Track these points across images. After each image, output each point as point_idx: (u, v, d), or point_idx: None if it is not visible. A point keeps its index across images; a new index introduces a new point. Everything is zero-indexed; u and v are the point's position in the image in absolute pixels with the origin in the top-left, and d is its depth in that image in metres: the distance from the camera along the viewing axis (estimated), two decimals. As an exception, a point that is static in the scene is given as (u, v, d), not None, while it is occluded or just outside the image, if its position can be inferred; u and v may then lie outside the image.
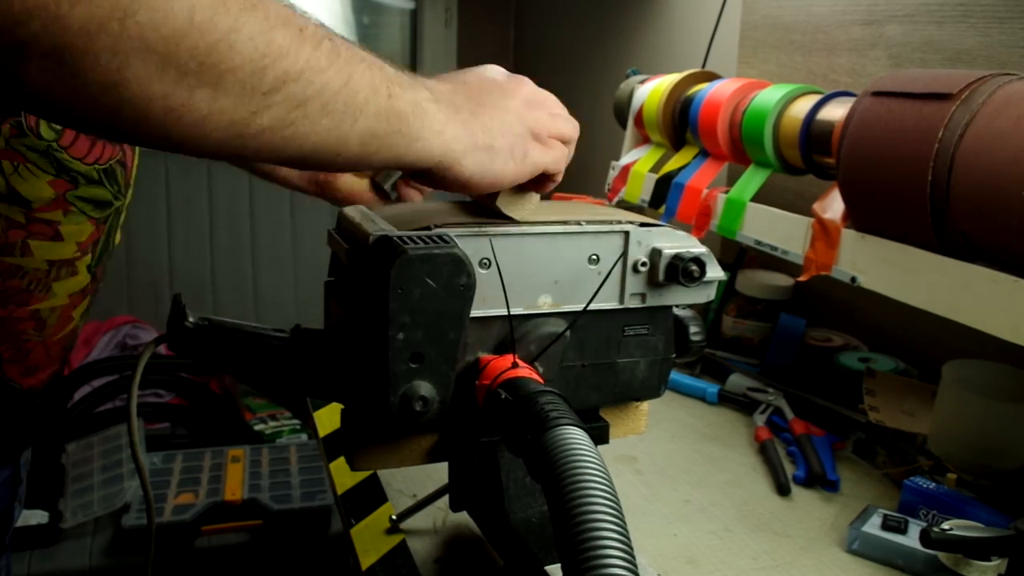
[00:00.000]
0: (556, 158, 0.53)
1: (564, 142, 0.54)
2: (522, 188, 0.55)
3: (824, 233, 0.80)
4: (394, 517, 0.73)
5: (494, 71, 0.54)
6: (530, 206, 0.56)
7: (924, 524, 0.68)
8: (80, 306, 0.71)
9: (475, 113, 0.49)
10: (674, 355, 0.61)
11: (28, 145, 0.61)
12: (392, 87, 0.43)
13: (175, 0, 0.33)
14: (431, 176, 0.48)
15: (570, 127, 0.55)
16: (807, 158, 0.86)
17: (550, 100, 0.55)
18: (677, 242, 0.57)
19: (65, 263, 0.67)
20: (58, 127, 0.62)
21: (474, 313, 0.50)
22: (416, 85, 0.46)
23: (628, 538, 0.33)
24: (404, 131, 0.44)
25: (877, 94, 0.72)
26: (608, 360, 0.58)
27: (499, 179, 0.50)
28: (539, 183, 0.54)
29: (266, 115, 0.37)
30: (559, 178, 0.55)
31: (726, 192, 0.97)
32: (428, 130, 0.45)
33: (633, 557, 0.33)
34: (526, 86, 0.54)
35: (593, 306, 0.55)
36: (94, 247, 0.69)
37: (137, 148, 0.74)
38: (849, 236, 0.77)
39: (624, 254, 0.56)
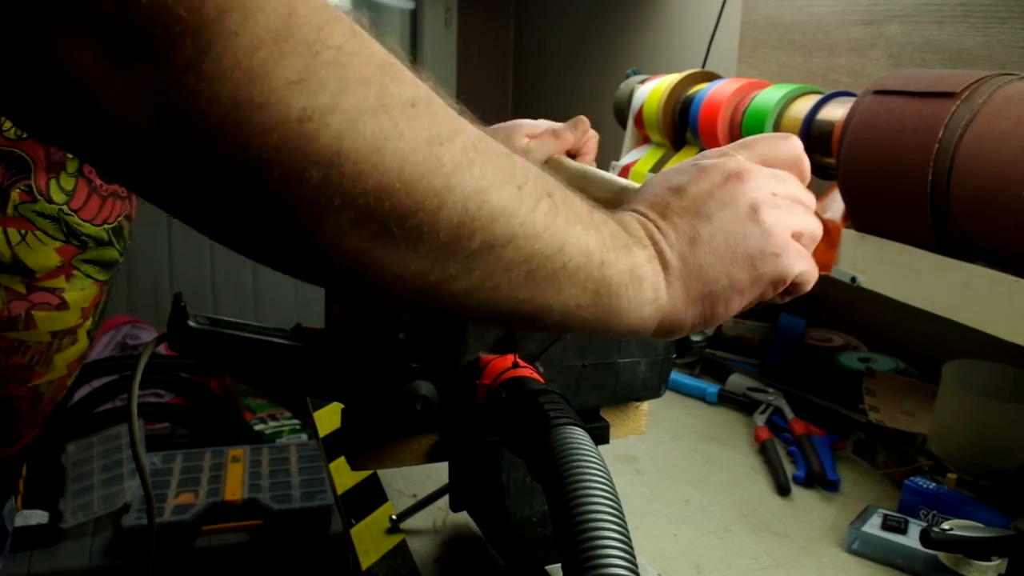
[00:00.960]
0: (792, 265, 0.43)
1: (806, 242, 0.45)
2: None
3: (824, 233, 0.80)
4: (394, 517, 0.73)
5: (713, 173, 0.42)
6: None
7: (924, 524, 0.68)
8: (75, 373, 0.67)
9: (686, 257, 0.40)
10: (674, 355, 0.61)
11: (38, 211, 0.57)
12: (607, 253, 0.37)
13: (385, 152, 0.28)
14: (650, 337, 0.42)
15: (812, 226, 0.45)
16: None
17: (781, 190, 0.44)
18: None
19: (68, 332, 0.62)
20: (68, 188, 0.59)
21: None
22: (631, 246, 0.39)
23: (629, 538, 0.33)
24: (615, 304, 0.38)
25: (878, 93, 0.72)
26: (608, 360, 0.58)
27: (722, 319, 0.43)
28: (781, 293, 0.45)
29: (465, 279, 0.33)
30: (805, 288, 0.45)
31: (726, 192, 0.96)
32: (641, 298, 0.39)
33: (634, 557, 0.33)
34: (746, 189, 0.42)
35: (593, 306, 0.55)
36: (95, 311, 0.65)
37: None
38: (849, 236, 0.77)
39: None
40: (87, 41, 0.24)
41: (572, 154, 0.75)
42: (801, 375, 1.04)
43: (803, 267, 0.43)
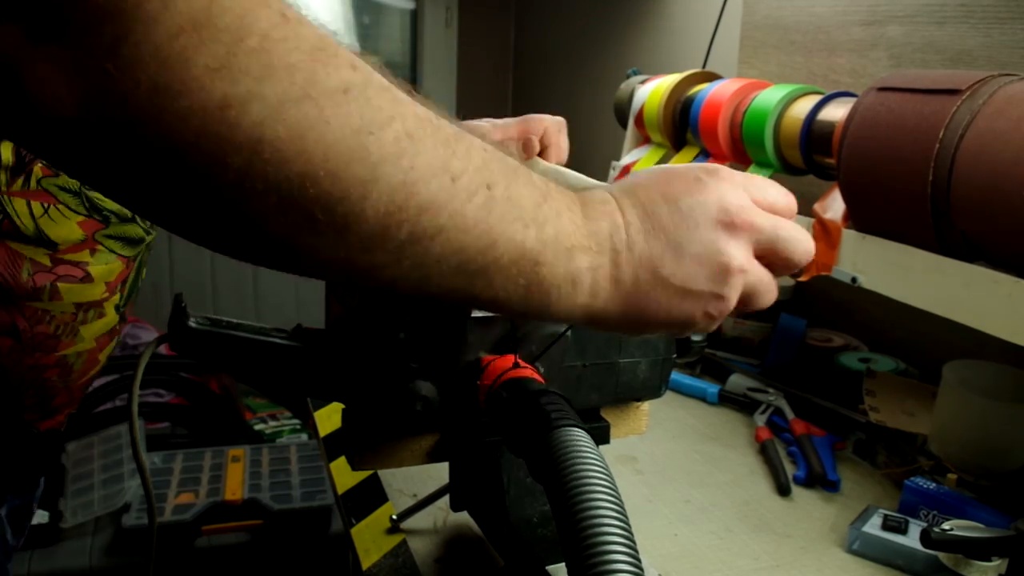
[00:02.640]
0: (753, 292, 0.43)
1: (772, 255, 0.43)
2: None
3: (825, 233, 0.80)
4: (395, 517, 0.73)
5: (714, 198, 0.40)
6: None
7: (924, 524, 0.68)
8: (107, 348, 0.68)
9: (640, 278, 0.39)
10: (675, 355, 0.61)
11: (60, 185, 0.59)
12: (544, 254, 0.36)
13: (308, 140, 0.28)
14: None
15: (783, 231, 0.42)
16: (808, 158, 0.86)
17: (753, 192, 0.41)
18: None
19: (94, 305, 0.64)
20: None
21: (475, 313, 0.50)
22: (576, 250, 0.37)
23: (632, 538, 0.33)
24: (544, 301, 0.37)
25: (882, 89, 0.72)
26: (609, 360, 0.58)
27: (652, 329, 0.42)
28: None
29: (394, 268, 0.33)
30: (763, 306, 0.45)
31: (727, 192, 0.96)
32: (573, 301, 0.38)
33: (638, 557, 0.33)
34: (726, 183, 0.40)
35: (594, 306, 0.55)
36: (123, 286, 0.67)
37: None
38: (850, 236, 0.77)
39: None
40: (10, 23, 0.24)
41: (543, 150, 0.73)
42: (801, 375, 1.04)
43: (752, 297, 0.44)
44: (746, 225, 0.40)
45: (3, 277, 0.57)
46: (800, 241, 0.43)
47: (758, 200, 0.42)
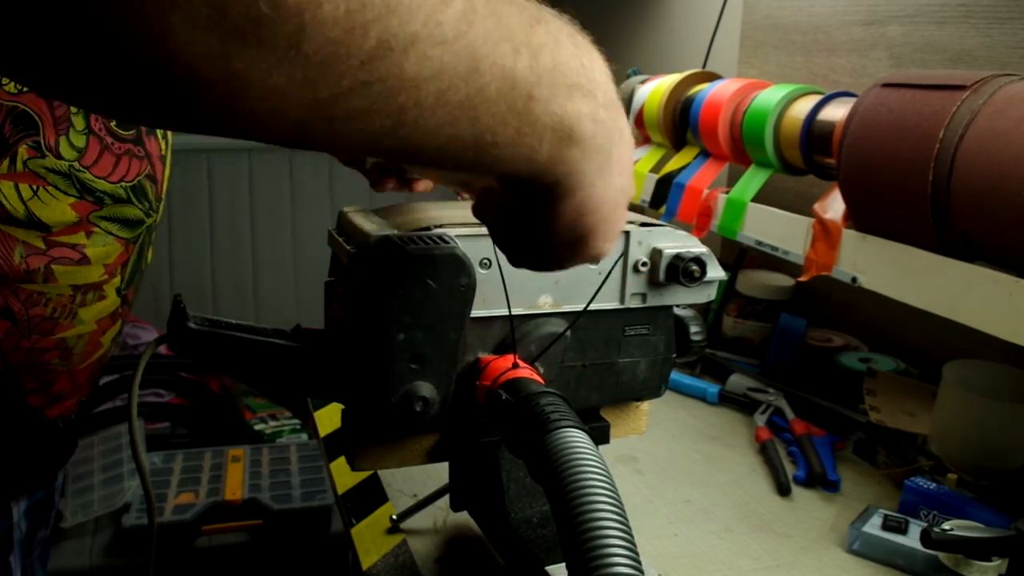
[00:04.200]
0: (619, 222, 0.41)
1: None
2: None
3: (825, 233, 0.80)
4: (395, 517, 0.73)
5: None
6: None
7: (925, 524, 0.68)
8: (110, 331, 0.67)
9: (623, 155, 0.37)
10: (675, 355, 0.61)
11: (48, 167, 0.57)
12: (539, 88, 0.31)
13: None
14: (534, 197, 0.36)
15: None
16: (808, 158, 0.86)
17: None
18: (678, 242, 0.57)
19: (92, 287, 0.63)
20: (79, 145, 0.58)
21: (474, 313, 0.50)
22: (575, 90, 0.33)
23: (632, 539, 0.33)
24: (531, 153, 0.32)
25: (886, 86, 0.72)
26: (609, 360, 0.58)
27: (604, 247, 0.39)
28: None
29: (363, 95, 0.27)
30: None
31: (727, 192, 0.97)
32: (560, 156, 0.33)
33: (638, 557, 0.33)
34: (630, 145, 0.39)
35: (594, 306, 0.55)
36: (123, 269, 0.65)
37: (168, 160, 0.69)
38: (850, 236, 0.77)
39: (625, 254, 0.56)
40: None
41: None
42: (801, 375, 1.04)
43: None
44: None
45: None
46: None
47: None
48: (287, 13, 0.24)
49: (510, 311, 0.52)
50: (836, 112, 0.82)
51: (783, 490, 0.82)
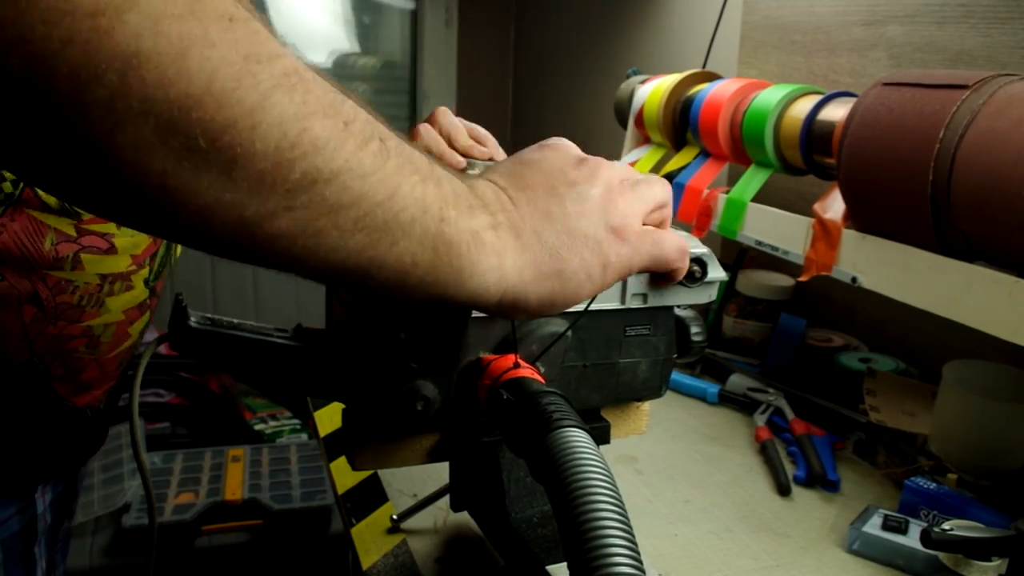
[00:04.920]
0: (650, 255, 0.44)
1: (660, 217, 0.45)
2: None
3: (825, 233, 0.80)
4: (395, 517, 0.73)
5: (564, 153, 0.44)
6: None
7: (925, 524, 0.69)
8: (138, 322, 0.67)
9: (539, 231, 0.40)
10: (675, 355, 0.61)
11: None
12: (447, 210, 0.35)
13: (192, 59, 0.26)
14: (491, 314, 0.41)
15: (661, 194, 0.45)
16: (808, 158, 0.87)
17: (631, 176, 0.45)
18: (678, 242, 0.57)
19: (119, 277, 0.63)
20: None
21: (476, 312, 0.50)
22: (476, 208, 0.37)
23: (633, 539, 0.33)
24: (455, 264, 0.36)
25: (887, 84, 0.72)
26: (609, 360, 0.58)
27: (575, 301, 0.42)
28: (661, 279, 0.47)
29: (286, 218, 0.30)
30: (680, 264, 0.47)
31: (727, 192, 0.97)
32: (484, 264, 0.37)
33: (639, 557, 0.33)
34: (600, 172, 0.43)
35: (595, 306, 0.55)
36: (152, 260, 0.66)
37: None
38: (850, 236, 0.77)
39: (625, 254, 0.56)
40: None
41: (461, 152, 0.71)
42: (801, 375, 1.04)
43: (656, 252, 0.44)
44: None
45: (25, 247, 0.57)
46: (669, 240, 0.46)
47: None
48: (221, 147, 0.28)
49: (511, 311, 0.52)
50: (836, 112, 0.82)
51: (783, 490, 0.82)
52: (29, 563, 0.66)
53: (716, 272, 0.57)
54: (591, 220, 0.41)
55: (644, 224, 0.44)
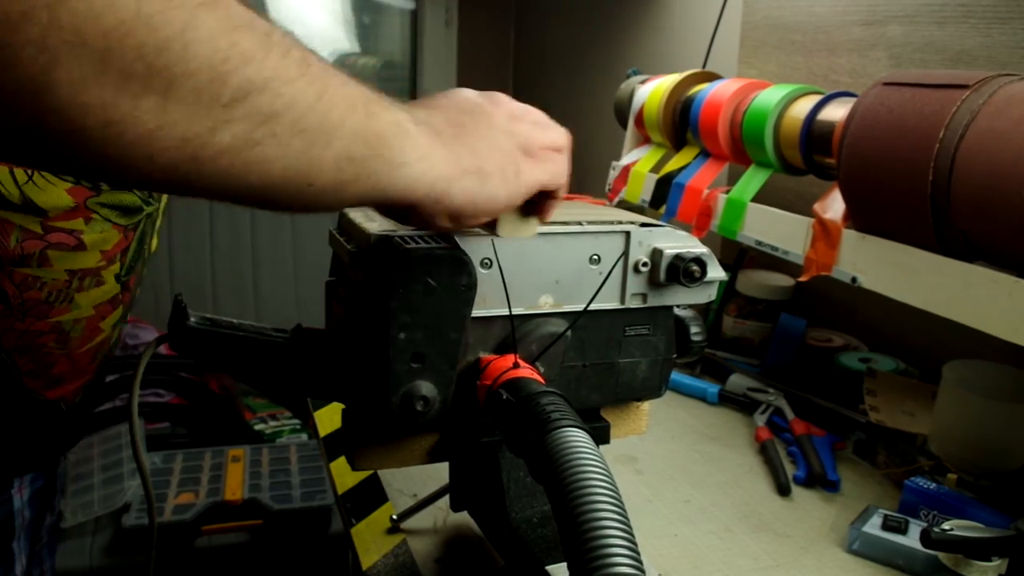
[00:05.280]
0: (553, 171, 0.49)
1: (557, 151, 0.50)
2: (524, 212, 0.51)
3: (825, 233, 0.80)
4: (395, 517, 0.73)
5: (466, 92, 0.49)
6: (532, 231, 0.52)
7: (925, 524, 0.68)
8: (110, 317, 0.68)
9: (458, 135, 0.44)
10: (675, 355, 0.61)
11: None
12: (370, 105, 0.38)
13: None
14: (416, 211, 0.42)
15: (560, 135, 0.50)
16: (808, 158, 0.86)
17: (532, 111, 0.50)
18: (678, 242, 0.57)
19: (89, 273, 0.63)
20: None
21: (475, 313, 0.50)
22: (394, 106, 0.41)
23: (633, 538, 0.33)
24: (386, 155, 0.38)
25: (886, 85, 0.72)
26: (609, 360, 0.58)
27: (493, 204, 0.45)
28: (539, 203, 0.50)
29: (227, 132, 0.31)
30: (561, 193, 0.51)
31: (727, 192, 0.97)
32: (412, 154, 0.40)
33: (639, 557, 0.33)
34: (504, 101, 0.49)
35: (594, 306, 0.55)
36: (123, 255, 0.66)
37: None
38: (850, 236, 0.77)
39: (625, 254, 0.56)
40: None
41: None
42: (801, 375, 1.04)
43: (554, 169, 0.49)
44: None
45: None
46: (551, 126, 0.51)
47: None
48: (159, 69, 0.29)
49: (510, 311, 0.52)
50: (836, 112, 0.82)
51: (783, 490, 0.82)
52: (7, 559, 0.66)
53: (715, 272, 0.57)
54: (500, 134, 0.46)
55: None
